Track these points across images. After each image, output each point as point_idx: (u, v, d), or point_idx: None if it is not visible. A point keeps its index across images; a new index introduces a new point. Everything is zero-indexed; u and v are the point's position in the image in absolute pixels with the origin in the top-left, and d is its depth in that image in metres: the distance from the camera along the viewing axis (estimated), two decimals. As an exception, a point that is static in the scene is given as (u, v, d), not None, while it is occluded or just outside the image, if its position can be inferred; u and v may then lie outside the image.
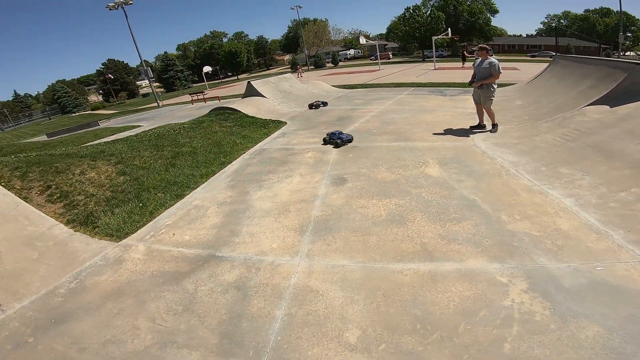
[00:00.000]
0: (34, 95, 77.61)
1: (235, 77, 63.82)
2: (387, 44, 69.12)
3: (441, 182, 4.18)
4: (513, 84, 11.89)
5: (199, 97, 21.24)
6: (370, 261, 2.93)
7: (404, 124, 6.88)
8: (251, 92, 10.83)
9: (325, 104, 9.86)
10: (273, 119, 8.34)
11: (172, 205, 4.57)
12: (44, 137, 21.18)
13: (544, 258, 2.68)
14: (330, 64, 53.28)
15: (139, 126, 13.48)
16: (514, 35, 75.93)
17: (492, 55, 6.22)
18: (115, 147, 6.25)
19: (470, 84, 6.29)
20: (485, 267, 2.66)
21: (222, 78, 69.35)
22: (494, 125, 5.99)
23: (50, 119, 50.61)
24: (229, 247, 3.48)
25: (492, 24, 54.37)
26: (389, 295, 2.52)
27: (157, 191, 4.90)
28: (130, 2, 23.99)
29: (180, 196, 4.78)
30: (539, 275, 2.51)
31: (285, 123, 7.95)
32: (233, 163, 5.72)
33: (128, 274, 3.29)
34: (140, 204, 4.61)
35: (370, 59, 55.13)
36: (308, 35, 60.82)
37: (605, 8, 73.31)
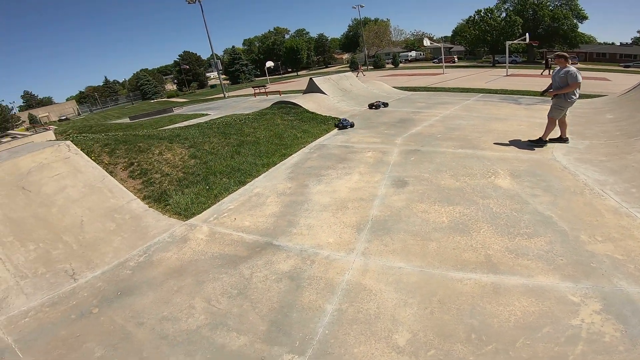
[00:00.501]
0: (120, 81, 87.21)
1: (295, 74, 65.45)
2: (452, 47, 65.83)
3: (512, 194, 3.91)
4: (603, 95, 10.61)
5: (261, 91, 22.18)
6: (428, 266, 2.86)
7: (471, 130, 6.50)
8: (312, 88, 11.04)
9: (385, 104, 9.70)
10: (333, 116, 8.42)
11: (235, 191, 4.85)
12: (126, 120, 23.75)
13: (625, 282, 2.44)
14: (390, 65, 52.15)
15: (207, 114, 14.48)
16: (605, 44, 67.58)
17: (576, 63, 5.55)
18: (189, 132, 6.79)
19: (542, 93, 5.80)
20: (556, 285, 2.49)
21: (283, 73, 71.59)
22: (542, 140, 5.49)
23: (132, 104, 56.65)
24: (286, 237, 3.60)
25: (579, 30, 49.10)
26: (445, 302, 2.45)
27: (223, 176, 5.23)
28: None
29: (242, 183, 5.05)
30: (616, 297, 2.31)
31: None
32: (293, 156, 5.90)
33: (191, 252, 3.55)
34: (207, 187, 4.96)
35: (433, 62, 52.92)
36: (368, 35, 60.26)
37: None
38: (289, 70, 74.26)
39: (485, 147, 5.57)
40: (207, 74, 74.57)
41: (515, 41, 29.24)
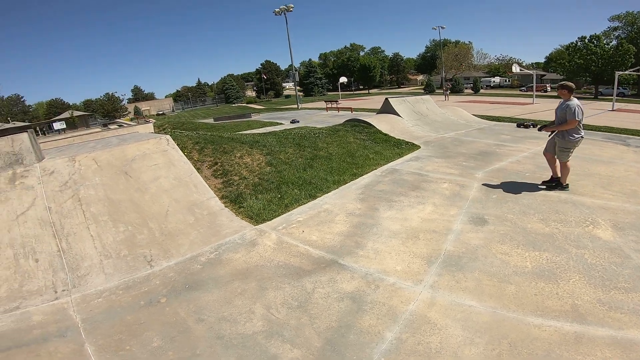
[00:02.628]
0: (210, 84, 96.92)
1: (367, 91, 65.79)
2: (544, 75, 60.21)
3: (613, 247, 3.45)
4: None
5: (333, 106, 22.73)
6: (502, 308, 2.67)
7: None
8: (387, 109, 10.94)
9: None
10: (406, 140, 8.22)
11: (304, 204, 4.97)
12: (211, 120, 26.19)
13: None
14: (469, 90, 49.47)
15: (281, 124, 15.28)
16: None
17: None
18: (267, 139, 7.19)
19: (540, 129, 5.33)
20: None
21: (354, 90, 72.48)
22: (562, 185, 5.00)
23: (217, 106, 62.33)
24: (352, 257, 3.56)
25: None
26: (517, 346, 2.29)
27: (294, 187, 5.40)
28: (291, 9, 27.57)
29: (313, 197, 5.15)
30: None
31: (419, 147, 7.72)
32: (364, 176, 5.86)
33: (257, 257, 3.68)
34: (279, 196, 5.16)
35: (521, 90, 48.88)
36: (447, 57, 57.89)
37: None
38: (361, 87, 75.01)
39: (583, 192, 4.91)
40: (283, 84, 79.00)
41: (627, 71, 25.52)
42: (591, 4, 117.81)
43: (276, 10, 28.34)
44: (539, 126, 5.49)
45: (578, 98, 5.10)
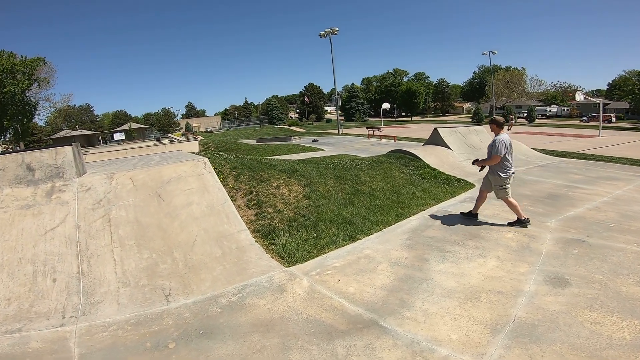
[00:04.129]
0: (255, 104, 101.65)
1: (410, 118, 64.65)
2: (608, 103, 55.22)
3: None
4: None
5: (375, 133, 22.25)
6: None
7: (663, 228, 4.73)
8: (435, 140, 10.23)
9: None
10: (458, 176, 7.45)
11: (343, 246, 4.45)
12: (253, 141, 26.91)
13: None
14: (522, 120, 46.50)
15: (321, 149, 15.05)
16: None
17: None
18: (306, 169, 6.84)
19: (473, 162, 5.22)
20: None
21: (396, 117, 71.54)
22: (521, 221, 4.73)
23: (260, 126, 64.83)
24: (396, 319, 2.99)
25: None
26: None
27: (332, 226, 4.91)
28: (336, 32, 28.02)
29: (352, 239, 4.61)
30: None
31: (474, 186, 6.91)
32: (411, 218, 5.22)
33: (284, 307, 3.23)
34: (315, 234, 4.69)
35: (582, 120, 44.92)
36: (497, 83, 55.15)
37: None
38: (403, 114, 74.00)
39: None
40: (325, 108, 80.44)
41: None
42: None
43: (321, 33, 29.05)
44: (472, 160, 5.42)
45: (635, 130, 4.19)
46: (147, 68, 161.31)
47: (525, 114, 47.30)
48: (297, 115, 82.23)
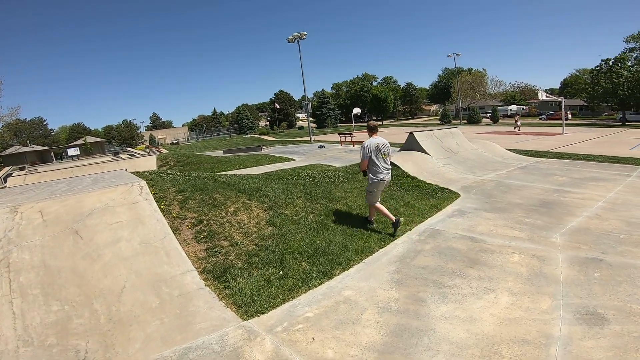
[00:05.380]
0: (225, 113, 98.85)
1: (380, 122, 65.16)
2: (559, 101, 58.41)
3: None
4: None
5: (347, 139, 21.59)
6: None
7: (675, 236, 4.20)
8: (411, 145, 9.59)
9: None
10: (440, 185, 6.75)
11: (316, 286, 3.52)
12: (220, 153, 25.46)
13: None
14: (488, 120, 48.04)
15: (292, 159, 14.08)
16: None
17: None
18: (271, 187, 5.87)
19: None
20: None
21: (367, 121, 72.11)
22: (395, 222, 4.53)
23: (230, 136, 62.79)
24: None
25: None
26: None
27: (303, 259, 3.97)
28: (304, 37, 27.32)
29: (328, 275, 3.69)
30: None
31: (459, 195, 6.22)
32: (396, 242, 4.37)
33: None
34: (281, 272, 3.75)
35: (540, 119, 47.05)
36: (461, 85, 56.54)
37: None
38: (374, 118, 74.65)
39: None
40: (297, 115, 79.65)
41: None
42: (606, 26, 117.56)
43: (289, 37, 28.22)
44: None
45: (603, 126, 3.67)
46: (108, 78, 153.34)
47: (490, 114, 49.03)
48: (268, 123, 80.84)
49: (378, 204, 4.67)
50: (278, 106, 68.24)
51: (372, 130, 4.77)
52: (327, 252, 4.09)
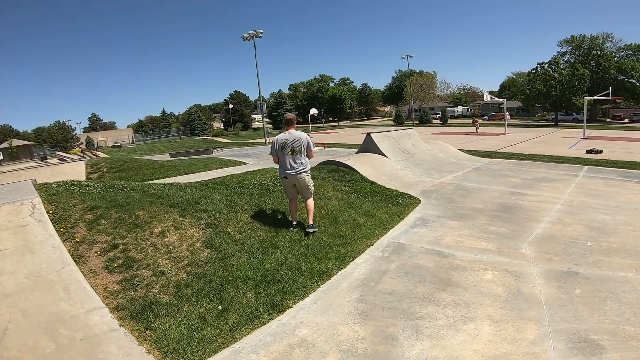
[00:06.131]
0: (176, 114, 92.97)
1: (337, 124, 65.56)
2: (502, 103, 63.24)
3: None
4: None
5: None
6: None
7: (632, 235, 4.15)
8: (369, 146, 9.18)
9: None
10: (399, 190, 6.35)
11: (265, 324, 2.83)
12: (167, 156, 23.48)
13: None
14: (437, 121, 50.32)
15: (244, 163, 13.11)
16: None
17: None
18: (212, 198, 5.02)
19: None
20: None
21: (324, 122, 72.09)
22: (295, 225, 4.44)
23: (180, 139, 59.05)
24: None
25: None
26: None
27: (248, 289, 3.24)
28: (260, 35, 26.24)
29: (279, 309, 3.00)
30: None
31: (419, 201, 5.85)
32: (357, 261, 3.79)
33: None
34: (220, 307, 3.00)
35: (483, 119, 50.15)
36: (413, 87, 58.03)
37: None
38: (330, 119, 74.93)
39: None
40: (252, 116, 77.52)
41: (597, 96, 25.85)
42: (541, 31, 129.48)
43: (244, 35, 26.83)
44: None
45: (539, 127, 3.53)
46: (39, 76, 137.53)
47: (439, 115, 51.41)
48: (222, 125, 77.60)
49: (293, 203, 4.50)
50: (232, 106, 65.74)
51: (287, 124, 4.48)
52: (278, 278, 3.39)
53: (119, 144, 59.39)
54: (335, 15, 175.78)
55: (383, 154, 8.63)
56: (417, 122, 48.93)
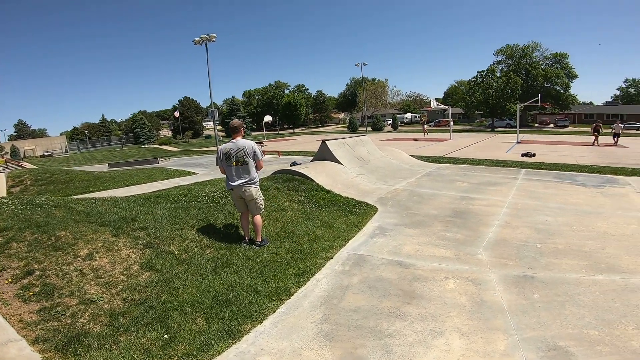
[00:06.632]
0: (118, 121, 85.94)
1: (292, 131, 65.34)
2: (446, 109, 67.63)
3: None
4: None
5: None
6: None
7: (575, 235, 4.42)
8: (324, 154, 9.04)
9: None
10: (357, 198, 6.27)
11: (220, 353, 2.50)
12: (105, 166, 21.43)
13: None
14: (389, 128, 52.32)
15: (194, 173, 12.29)
16: (587, 104, 70.07)
17: (567, 126, 3.66)
18: (153, 213, 4.48)
19: None
20: None
21: (279, 129, 71.39)
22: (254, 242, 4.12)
23: (122, 147, 54.65)
24: None
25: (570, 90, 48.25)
26: None
27: (197, 314, 2.85)
28: (213, 39, 25.15)
29: (234, 335, 2.66)
30: None
31: (376, 209, 5.80)
32: (317, 276, 3.55)
33: None
34: (166, 335, 2.60)
35: (430, 125, 52.68)
36: (366, 94, 58.67)
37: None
38: (285, 126, 74.51)
39: (629, 269, 3.51)
40: (204, 123, 74.46)
41: (527, 103, 28.26)
42: (481, 40, 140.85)
43: (196, 39, 25.43)
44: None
45: (478, 132, 3.78)
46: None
47: (390, 122, 53.56)
48: (170, 132, 73.39)
49: (245, 217, 4.18)
50: (178, 114, 62.49)
51: (232, 132, 4.13)
52: (232, 300, 3.03)
53: (49, 153, 53.36)
54: (290, 20, 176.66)
55: (339, 162, 8.54)
56: (370, 128, 50.40)
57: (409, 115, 67.00)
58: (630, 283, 3.14)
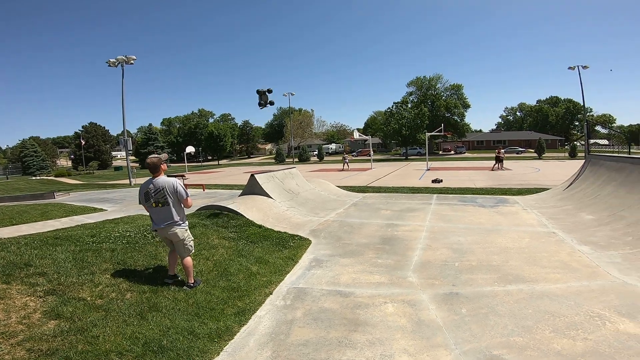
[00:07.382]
0: (3, 148, 71.72)
1: (217, 162, 62.82)
2: (366, 140, 72.81)
3: None
4: (544, 189, 10.96)
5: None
6: None
7: (483, 252, 5.07)
8: (253, 188, 8.88)
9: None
10: (289, 232, 6.26)
11: None
12: (-23, 204, 17.43)
13: None
14: (315, 158, 53.92)
15: (102, 210, 10.80)
16: (478, 131, 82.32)
17: (464, 152, 4.66)
18: (53, 257, 3.78)
19: None
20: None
21: (202, 161, 67.95)
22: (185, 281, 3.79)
23: (7, 179, 45.39)
24: None
25: (465, 120, 54.61)
26: None
27: (118, 373, 2.41)
28: (132, 62, 23.26)
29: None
30: None
31: (310, 241, 5.87)
32: (259, 313, 3.36)
33: None
34: None
35: (352, 155, 55.57)
36: (293, 124, 59.12)
37: (554, 97, 79.86)
38: (209, 157, 71.40)
39: (530, 277, 4.11)
40: (114, 153, 67.10)
41: (433, 132, 30.92)
42: (392, 74, 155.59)
43: (111, 60, 23.08)
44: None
45: (394, 161, 4.45)
46: None
47: (316, 153, 55.32)
48: (70, 162, 64.02)
49: (173, 254, 3.84)
50: (84, 142, 55.44)
51: (151, 170, 3.73)
52: (166, 346, 2.66)
53: None
54: (217, 42, 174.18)
55: (269, 196, 8.46)
56: (296, 159, 51.28)
57: (333, 146, 69.85)
58: (536, 291, 3.69)
